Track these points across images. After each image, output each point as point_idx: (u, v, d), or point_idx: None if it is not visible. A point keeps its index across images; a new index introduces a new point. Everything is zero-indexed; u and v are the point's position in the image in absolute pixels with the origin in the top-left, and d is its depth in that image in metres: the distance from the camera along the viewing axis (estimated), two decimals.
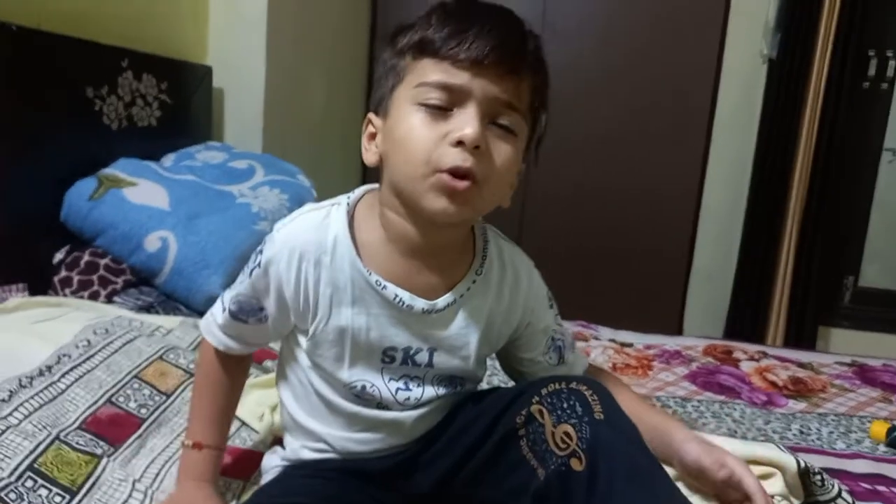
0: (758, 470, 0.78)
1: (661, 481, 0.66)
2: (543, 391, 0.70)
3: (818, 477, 0.80)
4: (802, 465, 0.79)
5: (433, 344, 0.75)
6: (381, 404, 0.75)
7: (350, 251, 0.71)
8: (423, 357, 0.75)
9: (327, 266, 0.70)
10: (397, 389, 0.75)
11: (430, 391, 0.76)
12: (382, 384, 0.74)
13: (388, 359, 0.74)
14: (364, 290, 0.71)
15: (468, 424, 0.76)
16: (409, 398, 0.75)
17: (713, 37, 2.57)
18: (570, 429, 0.66)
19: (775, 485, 0.77)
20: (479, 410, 0.77)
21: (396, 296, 0.71)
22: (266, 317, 0.74)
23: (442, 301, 0.73)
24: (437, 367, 0.75)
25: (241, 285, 0.74)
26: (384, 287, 0.71)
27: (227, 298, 0.76)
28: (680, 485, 0.75)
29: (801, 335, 2.48)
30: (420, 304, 0.72)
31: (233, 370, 0.80)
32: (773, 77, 2.47)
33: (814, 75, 2.37)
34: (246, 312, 0.75)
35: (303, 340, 0.75)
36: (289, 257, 0.70)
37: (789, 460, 0.80)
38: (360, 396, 0.74)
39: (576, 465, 0.65)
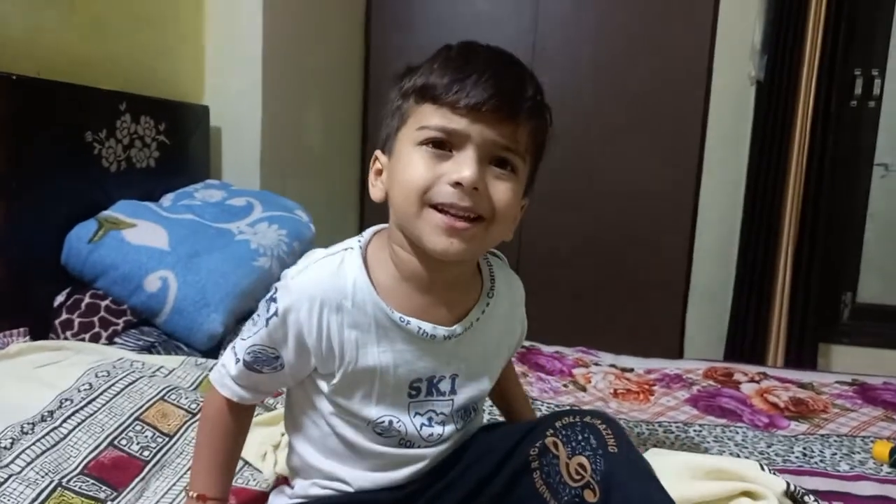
0: (739, 487, 0.79)
1: None
2: (557, 424, 0.73)
3: (811, 498, 0.81)
4: (792, 487, 0.80)
5: (454, 370, 0.77)
6: (404, 441, 0.76)
7: (371, 293, 0.72)
8: (445, 385, 0.77)
9: (349, 310, 0.72)
10: (421, 425, 0.76)
11: (450, 428, 0.78)
12: (408, 419, 0.76)
13: (414, 391, 0.76)
14: (388, 329, 0.73)
15: (480, 457, 0.77)
16: (432, 434, 0.76)
17: (701, 61, 2.61)
18: (584, 460, 0.68)
19: None
20: (489, 444, 0.78)
21: (420, 328, 0.73)
22: (282, 365, 0.74)
23: (460, 327, 0.76)
24: (459, 395, 0.77)
25: (256, 335, 0.74)
26: (408, 322, 0.73)
27: (239, 349, 0.76)
28: None
29: (802, 353, 2.48)
30: (441, 332, 0.74)
31: (241, 419, 0.80)
32: (761, 98, 2.51)
33: (801, 95, 2.40)
34: (261, 362, 0.75)
35: (324, 386, 0.75)
36: (309, 305, 0.71)
37: (774, 480, 0.81)
38: (385, 434, 0.75)
39: (589, 496, 0.66)
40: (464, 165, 0.67)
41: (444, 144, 0.68)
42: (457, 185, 0.67)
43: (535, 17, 2.73)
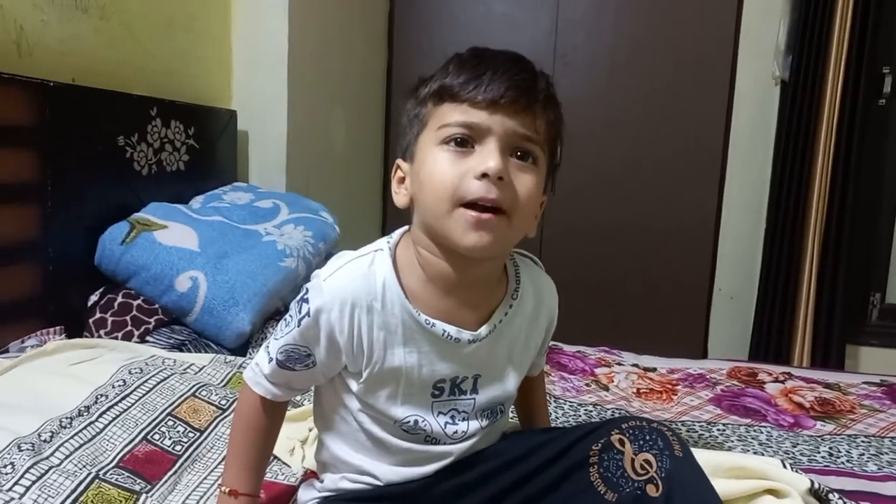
0: (762, 485, 0.79)
1: None
2: (624, 425, 0.75)
3: (836, 496, 0.80)
4: (816, 485, 0.80)
5: (477, 371, 0.78)
6: (430, 438, 0.77)
7: (399, 295, 0.74)
8: (468, 385, 0.78)
9: (378, 311, 0.73)
10: (446, 423, 0.77)
11: (474, 424, 0.79)
12: (432, 418, 0.77)
13: (438, 391, 0.77)
14: (414, 331, 0.74)
15: (528, 453, 0.79)
16: (456, 431, 0.78)
17: (724, 62, 2.60)
18: (651, 457, 0.70)
19: None
20: (537, 442, 0.80)
21: (445, 331, 0.74)
22: (314, 363, 0.76)
23: (484, 329, 0.77)
24: (480, 394, 0.79)
25: (289, 335, 0.76)
26: (433, 325, 0.74)
27: (272, 348, 0.78)
28: None
29: (829, 355, 2.44)
30: (466, 335, 0.75)
31: (273, 415, 0.82)
32: (786, 98, 2.49)
33: (827, 95, 2.38)
34: (294, 361, 0.77)
35: (353, 384, 0.77)
36: (341, 306, 0.73)
37: (797, 478, 0.81)
38: (412, 432, 0.77)
39: (651, 490, 0.68)
40: (488, 157, 0.68)
41: (465, 142, 0.70)
42: (483, 176, 0.68)
43: (556, 19, 2.74)
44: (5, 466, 0.85)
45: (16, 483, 0.83)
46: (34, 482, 0.83)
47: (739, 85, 2.60)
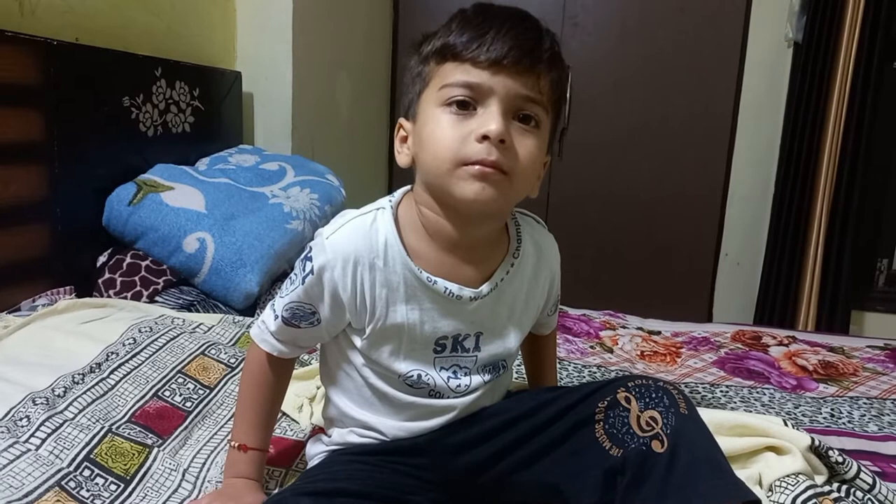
0: (764, 442, 0.80)
1: (739, 480, 0.69)
2: (630, 384, 0.75)
3: (836, 453, 0.81)
4: (816, 442, 0.81)
5: (479, 328, 0.79)
6: (433, 392, 0.79)
7: (401, 252, 0.74)
8: (470, 342, 0.79)
9: (380, 269, 0.74)
10: (448, 378, 0.79)
11: (476, 379, 0.80)
12: (435, 373, 0.78)
13: (440, 347, 0.78)
14: (416, 288, 0.75)
15: (537, 408, 0.79)
16: (459, 385, 0.79)
17: (736, 23, 2.55)
18: (656, 414, 0.71)
19: (795, 462, 0.79)
20: (551, 397, 0.80)
21: (446, 289, 0.75)
22: (319, 320, 0.77)
23: (486, 287, 0.77)
24: (483, 351, 0.80)
25: (293, 293, 0.77)
26: (434, 282, 0.75)
27: (278, 306, 0.79)
28: None
29: (834, 320, 2.45)
30: (467, 293, 0.76)
31: (280, 372, 0.84)
32: (798, 61, 2.44)
33: (841, 57, 2.34)
34: (299, 318, 0.78)
35: (357, 340, 0.78)
36: (343, 263, 0.73)
37: (798, 436, 0.82)
38: (416, 386, 0.78)
39: (657, 446, 0.69)
40: (490, 119, 0.68)
41: (467, 104, 0.69)
42: (484, 138, 0.68)
43: None
44: (21, 419, 0.87)
45: (32, 435, 0.85)
46: (50, 434, 0.85)
47: (751, 47, 2.56)
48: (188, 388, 1.06)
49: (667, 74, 2.64)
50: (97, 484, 0.81)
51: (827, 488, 0.81)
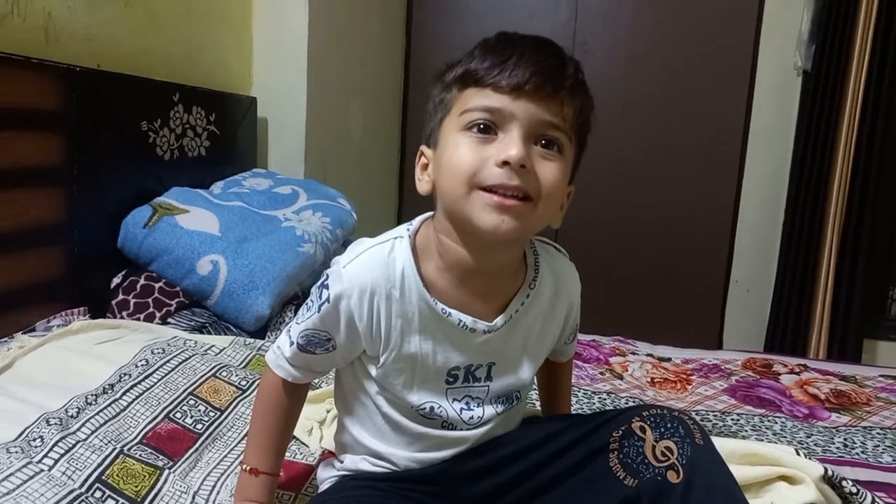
0: (776, 471, 0.80)
1: None
2: (645, 413, 0.75)
3: (849, 483, 0.80)
4: (830, 472, 0.80)
5: (491, 359, 0.78)
6: (446, 423, 0.78)
7: (417, 283, 0.74)
8: (482, 373, 0.78)
9: (397, 299, 0.74)
10: (461, 409, 0.78)
11: (489, 410, 0.79)
12: (448, 404, 0.78)
13: (452, 378, 0.77)
14: (430, 319, 0.75)
15: (550, 437, 0.79)
16: (472, 417, 0.78)
17: (745, 51, 2.58)
18: (672, 445, 0.71)
19: (809, 492, 0.78)
20: (564, 426, 0.80)
21: (460, 321, 0.74)
22: (334, 346, 0.77)
23: (500, 319, 0.76)
24: (495, 382, 0.79)
25: (309, 320, 0.77)
26: (449, 315, 0.74)
27: (294, 333, 0.79)
28: None
29: (846, 348, 2.43)
30: (481, 325, 0.75)
31: (294, 398, 0.84)
32: (807, 88, 2.46)
33: (850, 86, 2.35)
34: (314, 345, 0.78)
35: (372, 369, 0.78)
36: (360, 293, 0.73)
37: (811, 465, 0.82)
38: (428, 417, 0.78)
39: (672, 476, 0.68)
40: (510, 145, 0.67)
41: (488, 128, 0.69)
42: (504, 164, 0.67)
43: (576, 7, 2.73)
44: (35, 439, 0.88)
45: (45, 455, 0.85)
46: (62, 455, 0.86)
47: (761, 75, 2.58)
48: (199, 410, 1.07)
49: (676, 101, 2.67)
50: None
51: None
